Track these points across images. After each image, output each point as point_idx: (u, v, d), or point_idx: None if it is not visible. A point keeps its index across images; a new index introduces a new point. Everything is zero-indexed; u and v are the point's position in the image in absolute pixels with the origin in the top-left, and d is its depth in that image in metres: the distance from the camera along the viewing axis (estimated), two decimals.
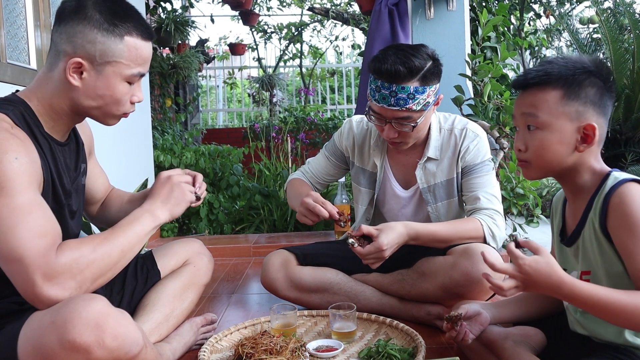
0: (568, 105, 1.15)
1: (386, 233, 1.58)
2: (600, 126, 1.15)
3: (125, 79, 1.22)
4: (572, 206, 1.24)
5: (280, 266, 1.87)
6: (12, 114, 1.14)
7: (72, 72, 1.17)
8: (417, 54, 1.66)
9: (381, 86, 1.66)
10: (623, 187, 1.10)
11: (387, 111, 1.68)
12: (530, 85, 1.19)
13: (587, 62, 1.17)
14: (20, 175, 1.06)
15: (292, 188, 1.99)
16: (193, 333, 1.61)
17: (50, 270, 1.02)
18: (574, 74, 1.15)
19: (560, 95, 1.15)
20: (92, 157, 1.51)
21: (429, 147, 1.82)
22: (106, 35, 1.17)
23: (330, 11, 6.63)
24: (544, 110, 1.16)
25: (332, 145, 2.02)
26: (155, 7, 5.15)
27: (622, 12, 6.38)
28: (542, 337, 1.30)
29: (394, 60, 1.64)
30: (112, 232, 1.16)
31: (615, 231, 1.11)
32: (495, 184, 1.80)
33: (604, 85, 1.16)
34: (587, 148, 1.15)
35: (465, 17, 3.12)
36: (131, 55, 1.20)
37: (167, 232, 3.62)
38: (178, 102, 6.03)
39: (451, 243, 1.71)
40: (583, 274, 1.20)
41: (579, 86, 1.15)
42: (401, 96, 1.64)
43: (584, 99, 1.14)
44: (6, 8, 2.18)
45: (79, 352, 0.98)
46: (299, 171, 2.08)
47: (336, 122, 5.56)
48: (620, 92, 5.84)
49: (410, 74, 1.63)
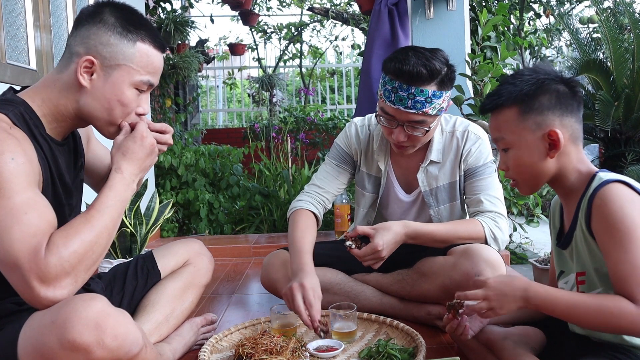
0: (525, 120, 1.19)
1: (382, 234, 1.58)
2: (569, 126, 1.18)
3: (134, 85, 1.22)
4: (567, 209, 1.26)
5: (281, 266, 1.86)
6: (12, 114, 1.14)
7: (82, 71, 1.17)
8: (436, 57, 1.63)
9: (399, 87, 1.61)
10: (605, 189, 1.11)
11: (402, 114, 1.64)
12: (488, 111, 1.26)
13: (537, 71, 1.21)
14: (17, 176, 1.05)
15: (295, 227, 1.78)
16: (193, 333, 1.61)
17: (45, 274, 1.01)
18: (522, 89, 1.19)
19: (516, 112, 1.20)
20: (92, 141, 1.49)
21: (432, 150, 1.80)
22: (119, 38, 1.19)
23: (330, 11, 6.63)
24: (506, 131, 1.22)
25: (338, 151, 1.93)
26: (154, 7, 5.15)
27: (622, 12, 6.38)
28: (541, 337, 1.30)
29: (415, 62, 1.59)
30: (94, 214, 1.11)
31: (596, 232, 1.12)
32: (497, 187, 1.79)
33: (562, 87, 1.19)
34: (556, 153, 1.18)
35: (465, 17, 3.11)
36: (142, 61, 1.21)
37: (167, 233, 3.62)
38: (178, 103, 6.02)
39: (451, 243, 1.71)
40: (578, 275, 1.21)
41: (530, 98, 1.19)
42: (419, 99, 1.61)
43: (540, 109, 1.18)
44: (6, 8, 2.18)
45: (79, 351, 0.98)
46: (304, 195, 1.88)
47: (336, 122, 5.55)
48: (620, 91, 5.83)
49: (430, 77, 1.60)
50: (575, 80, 1.21)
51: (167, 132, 1.33)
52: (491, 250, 1.64)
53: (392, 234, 1.59)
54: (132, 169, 1.22)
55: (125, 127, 1.26)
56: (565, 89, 1.19)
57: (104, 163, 1.49)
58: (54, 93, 1.20)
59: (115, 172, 1.20)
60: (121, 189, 1.18)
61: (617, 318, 1.06)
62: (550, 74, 1.21)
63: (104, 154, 1.51)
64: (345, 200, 2.97)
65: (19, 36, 2.30)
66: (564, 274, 1.27)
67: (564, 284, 1.27)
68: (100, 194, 1.16)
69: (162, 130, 1.33)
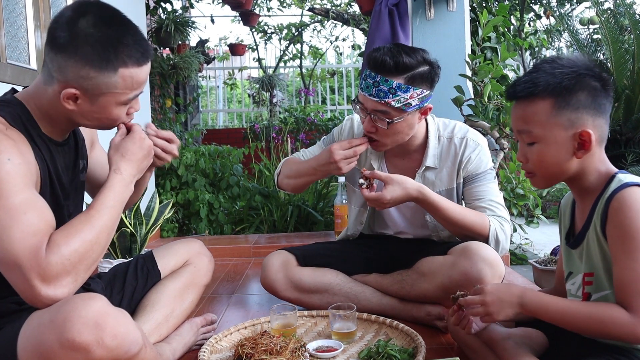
0: (559, 115, 1.12)
1: (394, 187, 1.64)
2: (599, 127, 1.13)
3: (121, 104, 1.20)
4: (580, 208, 1.23)
5: (280, 267, 1.86)
6: (8, 115, 1.14)
7: (65, 99, 1.15)
8: (412, 54, 1.65)
9: (368, 75, 1.67)
10: (623, 192, 1.08)
11: (367, 100, 1.67)
12: (519, 98, 1.17)
13: (577, 63, 1.14)
14: (14, 176, 1.05)
15: (292, 163, 1.93)
16: (193, 333, 1.61)
17: (46, 272, 1.01)
18: (561, 81, 1.11)
19: (550, 105, 1.12)
20: (96, 147, 1.50)
21: (427, 156, 1.80)
22: (99, 71, 1.13)
23: (330, 12, 6.64)
24: (535, 124, 1.14)
25: (331, 139, 1.98)
26: (155, 7, 5.15)
27: (622, 13, 6.39)
28: (543, 339, 1.30)
29: (384, 52, 1.65)
30: (93, 214, 1.12)
31: (610, 236, 1.10)
32: (499, 193, 1.79)
33: (598, 84, 1.13)
34: (585, 154, 1.13)
35: (465, 18, 3.12)
36: (126, 84, 1.17)
37: (167, 233, 3.62)
38: (178, 103, 6.03)
39: (454, 226, 1.70)
40: (586, 276, 1.19)
41: (569, 93, 1.11)
42: (382, 88, 1.64)
43: (576, 105, 1.11)
44: (6, 8, 2.18)
45: (78, 351, 0.98)
46: (293, 156, 2.01)
47: (336, 123, 5.56)
48: (620, 92, 5.84)
49: (396, 69, 1.62)
50: (609, 77, 1.13)
51: (173, 142, 1.36)
52: (490, 250, 1.63)
53: (402, 192, 1.64)
54: (130, 170, 1.23)
55: (122, 128, 1.27)
56: (599, 86, 1.13)
57: (105, 170, 1.49)
58: (44, 103, 1.19)
59: (114, 173, 1.21)
60: (120, 190, 1.19)
61: (609, 327, 1.06)
62: (589, 68, 1.13)
63: (105, 161, 1.52)
64: (345, 200, 2.97)
65: (20, 36, 2.30)
66: (572, 275, 1.25)
67: (571, 285, 1.25)
68: (100, 194, 1.17)
69: (168, 138, 1.35)
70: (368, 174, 1.67)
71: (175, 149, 1.37)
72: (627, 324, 1.05)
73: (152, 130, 1.34)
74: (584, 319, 1.09)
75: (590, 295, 1.18)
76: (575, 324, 1.11)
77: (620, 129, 5.75)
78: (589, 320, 1.09)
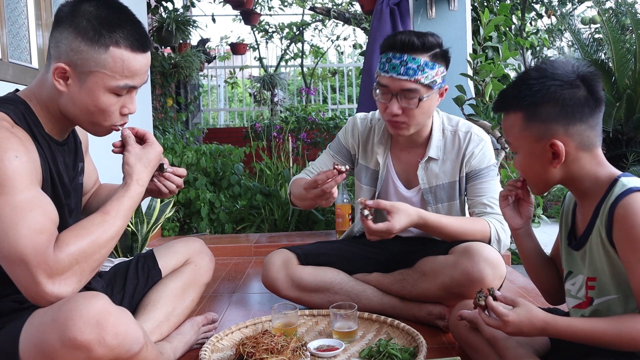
0: (530, 128, 1.14)
1: (400, 216, 1.60)
2: (577, 135, 1.11)
3: (110, 91, 1.17)
4: (582, 209, 1.22)
5: (281, 266, 1.87)
6: (13, 113, 1.15)
7: (57, 76, 1.15)
8: (429, 35, 1.70)
9: (392, 57, 1.68)
10: (629, 198, 1.06)
11: (395, 81, 1.67)
12: (495, 112, 1.25)
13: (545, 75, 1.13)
14: (20, 173, 1.06)
15: (297, 186, 1.89)
16: (194, 332, 1.61)
17: (53, 269, 1.02)
18: (527, 96, 1.13)
19: (521, 118, 1.15)
20: (87, 155, 1.51)
21: (431, 147, 1.81)
22: (90, 45, 1.13)
23: (331, 11, 6.64)
24: (511, 136, 1.19)
25: (337, 143, 2.00)
26: (156, 6, 5.15)
27: (624, 12, 6.38)
28: (546, 340, 1.30)
29: (408, 33, 1.69)
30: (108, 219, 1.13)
31: (618, 243, 1.08)
32: (500, 190, 1.79)
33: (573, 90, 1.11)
34: (558, 163, 1.13)
35: (466, 17, 3.11)
36: (116, 67, 1.15)
37: (168, 232, 3.62)
38: (179, 102, 6.03)
39: (456, 239, 1.71)
40: (589, 280, 1.18)
41: (535, 107, 1.12)
42: (411, 66, 1.65)
43: (544, 117, 1.12)
44: (8, 7, 2.18)
45: (79, 349, 0.98)
46: (299, 174, 2.03)
47: (337, 122, 5.56)
48: (621, 92, 5.83)
49: (422, 47, 1.66)
50: (593, 78, 1.12)
51: (182, 176, 1.41)
52: (491, 250, 1.64)
53: (407, 219, 1.62)
54: (147, 179, 1.26)
55: (130, 137, 1.27)
56: (579, 93, 1.11)
57: (90, 179, 1.53)
58: (43, 94, 1.20)
59: (136, 184, 1.22)
60: (138, 200, 1.22)
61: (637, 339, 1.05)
62: (561, 77, 1.12)
63: (92, 168, 1.55)
64: (346, 200, 2.97)
65: (21, 35, 2.30)
66: (572, 274, 1.24)
67: (571, 285, 1.24)
68: (118, 200, 1.18)
69: (180, 174, 1.41)
70: (372, 204, 1.61)
71: (181, 182, 1.42)
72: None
73: (170, 168, 1.39)
74: (614, 337, 1.07)
75: (592, 300, 1.18)
76: (604, 343, 1.09)
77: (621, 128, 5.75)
78: (619, 337, 1.06)
